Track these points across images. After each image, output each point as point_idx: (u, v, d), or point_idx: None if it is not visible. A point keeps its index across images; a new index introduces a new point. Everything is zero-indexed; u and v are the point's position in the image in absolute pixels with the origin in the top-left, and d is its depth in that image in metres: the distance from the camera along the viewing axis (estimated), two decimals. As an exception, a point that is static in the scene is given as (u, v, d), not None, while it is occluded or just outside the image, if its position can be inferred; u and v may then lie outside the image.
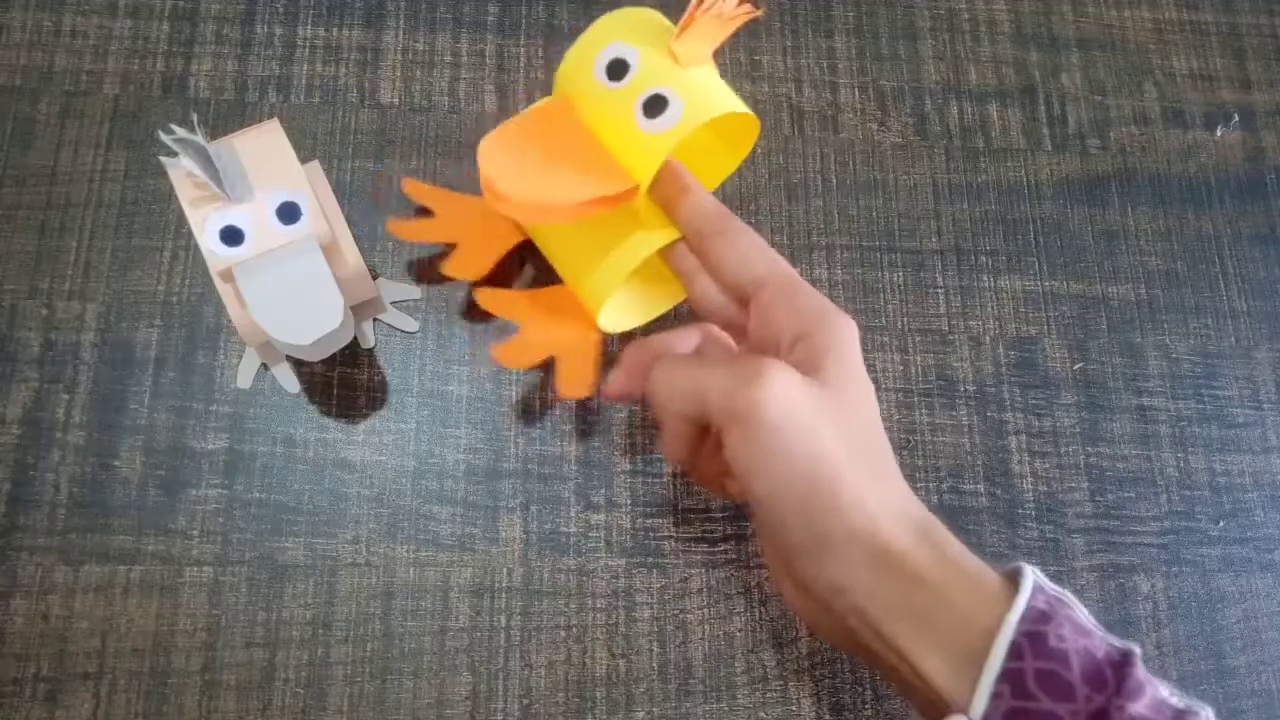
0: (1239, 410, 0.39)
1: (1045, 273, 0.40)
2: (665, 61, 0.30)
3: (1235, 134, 0.43)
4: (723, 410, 0.27)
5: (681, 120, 0.29)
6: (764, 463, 0.26)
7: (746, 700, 0.33)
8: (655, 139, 0.29)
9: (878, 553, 0.25)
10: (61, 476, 0.34)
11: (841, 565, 0.26)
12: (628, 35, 0.30)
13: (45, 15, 0.39)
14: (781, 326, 0.29)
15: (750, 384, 0.26)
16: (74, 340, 0.35)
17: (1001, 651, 0.23)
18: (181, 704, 0.32)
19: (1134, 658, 0.24)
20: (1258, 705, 0.35)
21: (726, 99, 0.30)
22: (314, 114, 0.39)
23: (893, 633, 0.25)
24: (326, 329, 0.30)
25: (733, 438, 0.27)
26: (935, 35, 0.43)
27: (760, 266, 0.30)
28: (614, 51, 0.30)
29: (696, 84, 0.30)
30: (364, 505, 0.34)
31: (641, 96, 0.29)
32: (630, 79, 0.30)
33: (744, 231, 0.30)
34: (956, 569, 0.25)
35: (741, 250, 0.30)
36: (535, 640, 0.33)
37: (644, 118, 0.29)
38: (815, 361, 0.27)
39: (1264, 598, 0.37)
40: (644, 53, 0.30)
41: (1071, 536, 0.37)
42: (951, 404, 0.38)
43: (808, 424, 0.26)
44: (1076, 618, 0.25)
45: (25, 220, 0.36)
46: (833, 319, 0.28)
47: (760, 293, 0.29)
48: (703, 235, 0.31)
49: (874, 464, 0.27)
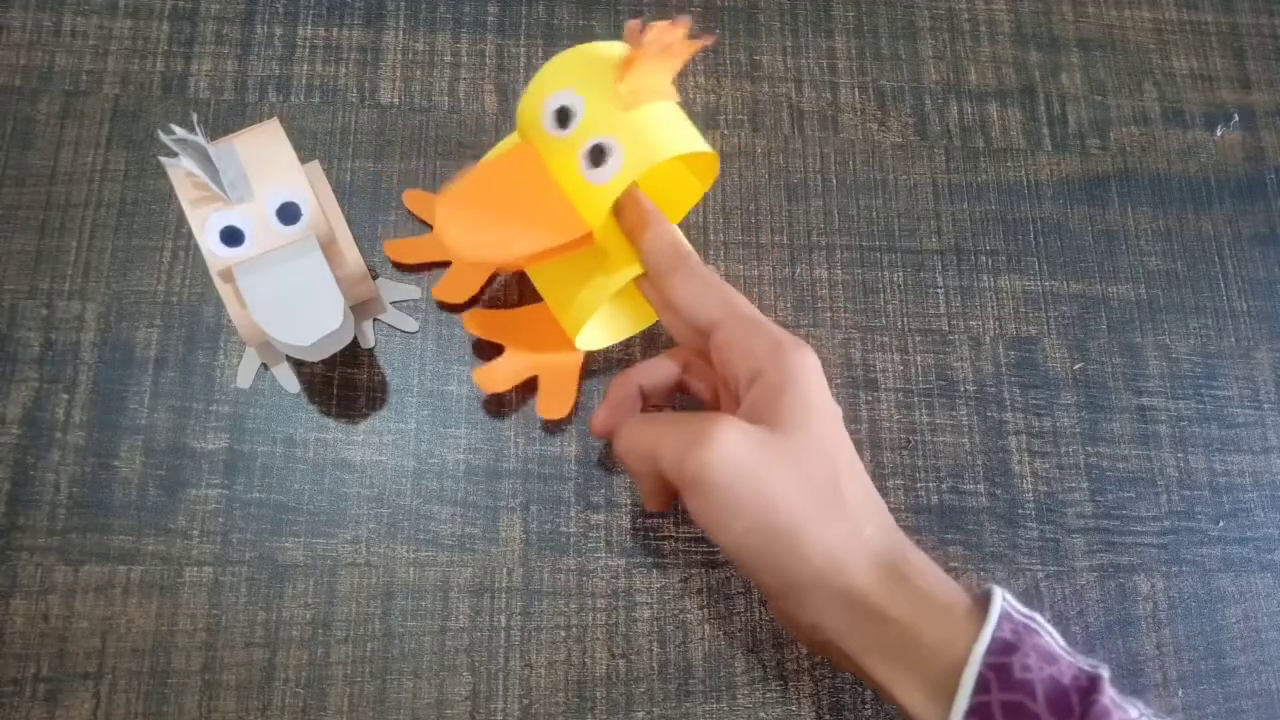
0: (1239, 410, 0.39)
1: (1045, 273, 0.40)
2: (609, 107, 0.29)
3: (1235, 134, 0.43)
4: (675, 475, 0.27)
5: (622, 170, 0.29)
6: (720, 520, 0.27)
7: (746, 700, 0.33)
8: (599, 190, 0.29)
9: (844, 593, 0.26)
10: (61, 476, 0.34)
11: (811, 607, 0.27)
12: (575, 80, 0.30)
13: (45, 15, 0.39)
14: (736, 368, 0.29)
15: (696, 446, 0.26)
16: (74, 340, 0.35)
17: (968, 687, 0.24)
18: (181, 704, 0.32)
19: (1101, 683, 0.24)
20: (1258, 705, 0.35)
21: (671, 142, 0.29)
22: (314, 114, 0.39)
23: (869, 666, 0.26)
24: (326, 329, 0.30)
25: (689, 500, 0.27)
26: (935, 35, 0.43)
27: (711, 307, 0.30)
28: (560, 99, 0.30)
29: (641, 128, 0.29)
30: (364, 505, 0.34)
31: (584, 147, 0.29)
32: (574, 127, 0.29)
33: (695, 270, 0.30)
34: (924, 601, 0.26)
35: (694, 290, 0.30)
36: (535, 640, 0.33)
37: (588, 167, 0.29)
38: (769, 401, 0.27)
39: (1264, 598, 0.37)
40: (589, 99, 0.29)
41: (1071, 536, 0.37)
42: (951, 404, 0.38)
43: (760, 478, 0.26)
44: (1043, 644, 0.25)
45: (25, 220, 0.36)
46: (786, 355, 0.28)
47: (715, 334, 0.29)
48: (659, 274, 0.31)
49: (833, 503, 0.27)
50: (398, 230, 0.38)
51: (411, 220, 0.38)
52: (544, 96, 0.30)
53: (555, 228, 0.29)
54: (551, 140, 0.30)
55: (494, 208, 0.30)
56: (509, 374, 0.35)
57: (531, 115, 0.30)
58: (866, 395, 0.38)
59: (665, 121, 0.30)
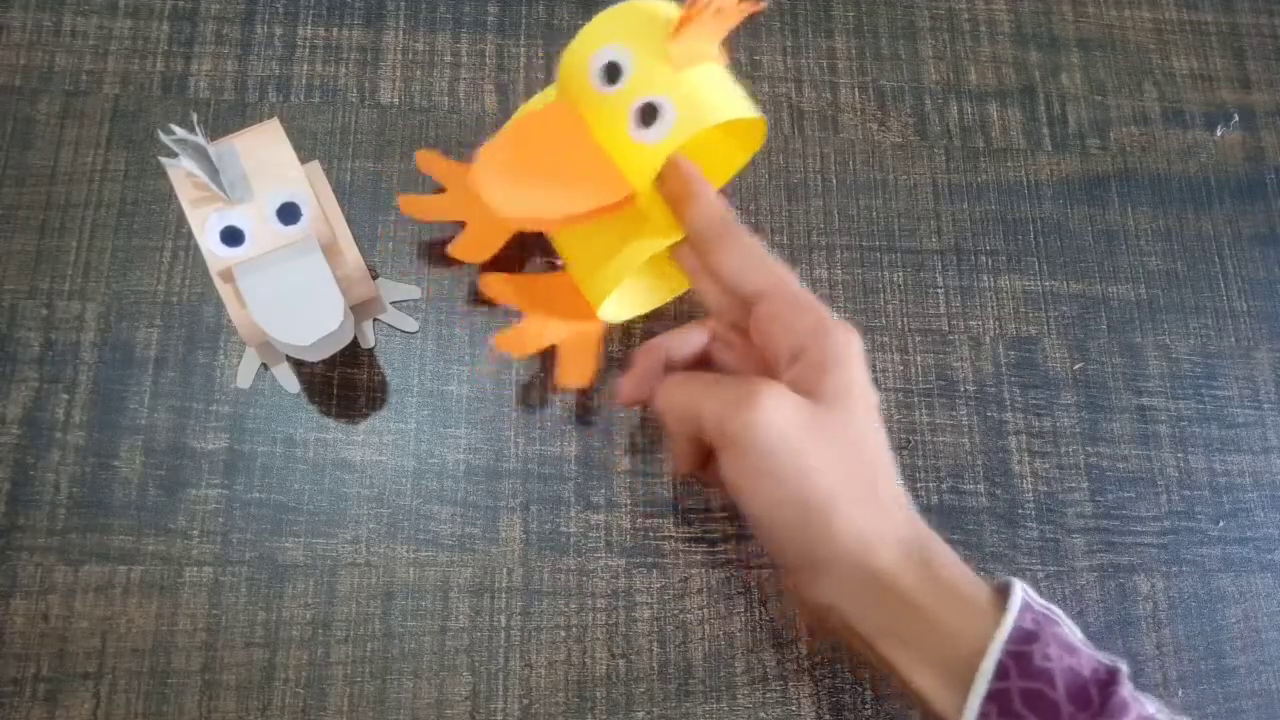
0: (1239, 410, 0.39)
1: (1045, 273, 0.40)
2: (661, 65, 0.28)
3: (1235, 134, 0.43)
4: (716, 432, 0.27)
5: (673, 131, 0.28)
6: (755, 485, 0.27)
7: (746, 700, 0.33)
8: (648, 150, 0.28)
9: (867, 575, 0.26)
10: (61, 476, 0.34)
11: (832, 585, 0.26)
12: (624, 35, 0.29)
13: (45, 15, 0.39)
14: (779, 342, 0.28)
15: (742, 407, 0.26)
16: (74, 340, 0.35)
17: (988, 672, 0.24)
18: (181, 704, 0.32)
19: (1120, 675, 0.24)
20: (1258, 705, 0.35)
21: (724, 105, 0.29)
22: (314, 114, 0.39)
23: (884, 650, 0.26)
24: (326, 329, 0.30)
25: (725, 459, 0.27)
26: (935, 35, 0.43)
27: (758, 278, 0.29)
28: (609, 54, 0.29)
29: (693, 89, 0.29)
30: (364, 505, 0.34)
31: (634, 104, 0.28)
32: (624, 84, 0.29)
33: (743, 241, 0.30)
34: (946, 590, 0.26)
35: (739, 261, 0.30)
36: (535, 640, 0.33)
37: (637, 126, 0.29)
38: (812, 378, 0.27)
39: (1264, 597, 0.37)
40: (638, 55, 0.29)
41: (1071, 536, 0.37)
42: (951, 404, 0.38)
43: (799, 447, 0.26)
44: (1064, 636, 0.25)
45: (25, 220, 0.36)
46: (831, 333, 0.28)
47: (758, 305, 0.29)
48: (705, 241, 0.30)
49: (868, 484, 0.27)
50: (398, 230, 0.38)
51: (408, 223, 0.38)
52: (591, 51, 0.29)
53: (598, 188, 0.29)
54: (597, 96, 0.29)
55: (534, 165, 0.29)
56: (531, 338, 0.34)
57: (576, 69, 0.30)
58: (866, 395, 0.38)
59: (717, 84, 0.29)
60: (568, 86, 0.30)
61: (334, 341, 0.31)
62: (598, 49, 0.29)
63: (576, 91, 0.30)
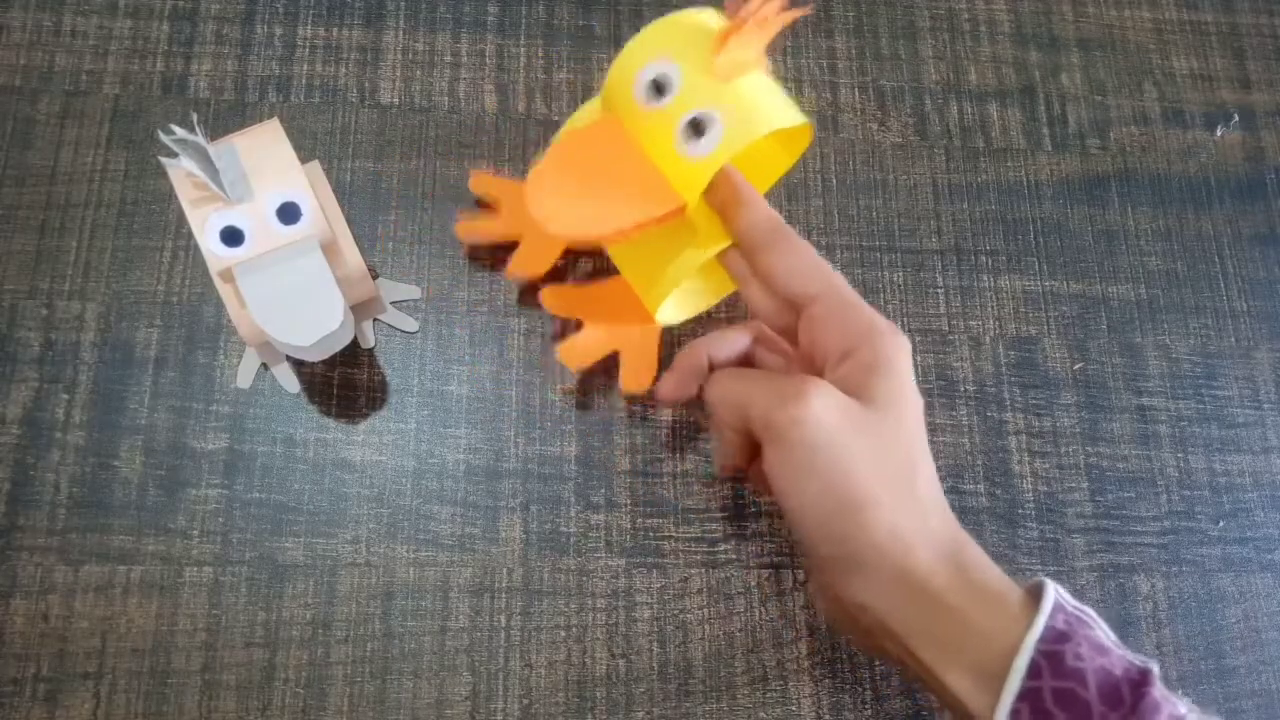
0: (1239, 410, 0.39)
1: (1045, 273, 0.40)
2: (707, 78, 0.29)
3: (1235, 134, 0.43)
4: (763, 426, 0.27)
5: (721, 144, 0.28)
6: (797, 480, 0.27)
7: (746, 700, 0.33)
8: (697, 164, 0.29)
9: (903, 575, 0.26)
10: (61, 476, 0.34)
11: (867, 584, 0.27)
12: (669, 49, 0.29)
13: (45, 15, 0.39)
14: (829, 343, 0.29)
15: (790, 402, 0.27)
16: (74, 340, 0.35)
17: (1020, 671, 0.24)
18: (181, 704, 0.32)
19: (1151, 676, 0.24)
20: (1258, 705, 0.35)
21: (772, 115, 0.29)
22: (314, 114, 0.39)
23: (917, 649, 0.26)
24: (326, 329, 0.30)
25: (770, 453, 0.27)
26: (935, 35, 0.43)
27: (810, 281, 0.30)
28: (656, 69, 0.29)
29: (740, 101, 0.29)
30: (364, 505, 0.34)
31: (682, 119, 0.29)
32: (670, 99, 0.29)
33: (796, 245, 0.30)
34: (980, 590, 0.26)
35: (791, 264, 0.30)
36: (535, 640, 0.33)
37: (685, 140, 0.29)
38: (860, 379, 0.28)
39: (1264, 597, 0.37)
40: (685, 69, 0.29)
41: (1071, 536, 0.37)
42: (951, 404, 0.38)
43: (843, 445, 0.26)
44: (1095, 636, 0.25)
45: (25, 220, 0.36)
46: (882, 336, 0.28)
47: (810, 307, 0.29)
48: (755, 246, 0.30)
49: (909, 486, 0.27)
50: (398, 230, 0.38)
51: (408, 223, 0.38)
52: (638, 67, 0.29)
53: (650, 201, 0.29)
54: (644, 112, 0.29)
55: (585, 182, 0.29)
56: (592, 348, 0.35)
57: (622, 85, 0.30)
58: (866, 395, 0.38)
59: (763, 94, 0.29)
60: (614, 102, 0.30)
61: (334, 341, 0.31)
62: (644, 64, 0.29)
63: (623, 107, 0.30)
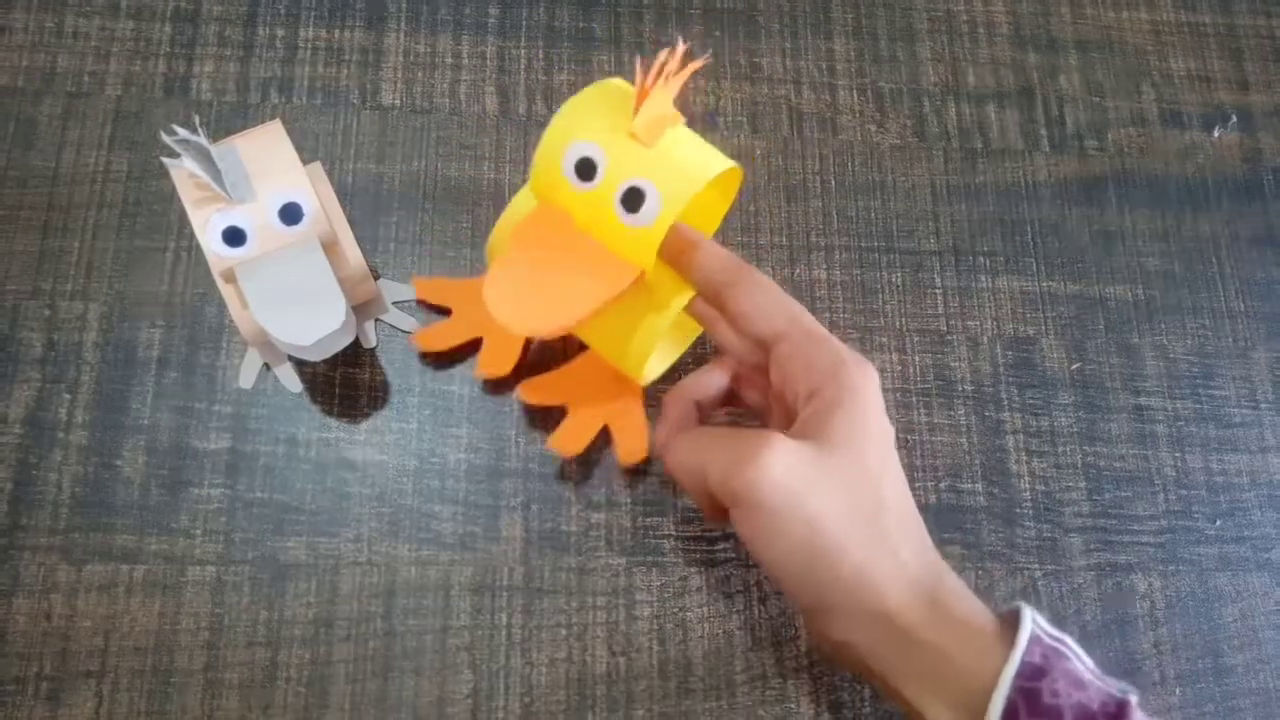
0: (1236, 410, 0.39)
1: (1043, 273, 0.40)
2: (630, 147, 0.28)
3: (1233, 135, 0.44)
4: (723, 492, 0.27)
5: (662, 209, 0.28)
6: (764, 540, 0.27)
7: (746, 698, 0.34)
8: (644, 232, 0.28)
9: (877, 614, 0.26)
10: (64, 476, 0.34)
11: (844, 626, 0.27)
12: (588, 128, 0.29)
13: (48, 16, 0.39)
14: (797, 382, 0.29)
15: (745, 465, 0.26)
16: (76, 340, 0.35)
17: (997, 710, 0.24)
18: (184, 703, 0.32)
19: (1129, 708, 0.24)
20: (1255, 704, 0.35)
21: (702, 167, 0.29)
22: (316, 115, 0.39)
23: (898, 685, 0.26)
24: (328, 329, 0.30)
25: (735, 516, 0.28)
26: (933, 37, 0.43)
27: (776, 319, 0.29)
28: (578, 151, 0.29)
29: (669, 162, 0.28)
30: (366, 504, 0.35)
31: (617, 194, 0.28)
32: (600, 178, 0.29)
33: (757, 283, 0.30)
34: (956, 625, 0.26)
35: (755, 303, 0.30)
36: (536, 638, 0.34)
37: (625, 213, 0.28)
38: (824, 418, 0.27)
39: (1261, 596, 0.37)
40: (607, 145, 0.28)
41: (1069, 536, 0.37)
42: (949, 404, 0.38)
43: (805, 500, 0.26)
44: (1073, 669, 0.25)
45: (28, 221, 0.37)
46: (847, 370, 0.28)
47: (777, 346, 0.29)
48: (716, 289, 0.30)
49: (876, 524, 0.27)
50: (399, 231, 0.38)
51: (410, 224, 0.38)
52: (560, 153, 0.29)
53: (606, 279, 0.29)
54: (577, 195, 0.29)
55: (538, 274, 0.29)
56: (581, 432, 0.34)
57: (549, 172, 0.29)
58: (865, 395, 0.38)
59: (687, 148, 0.29)
60: (545, 189, 0.30)
61: (336, 341, 0.31)
62: (565, 148, 0.29)
63: (555, 192, 0.30)
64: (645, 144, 0.28)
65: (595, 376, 0.35)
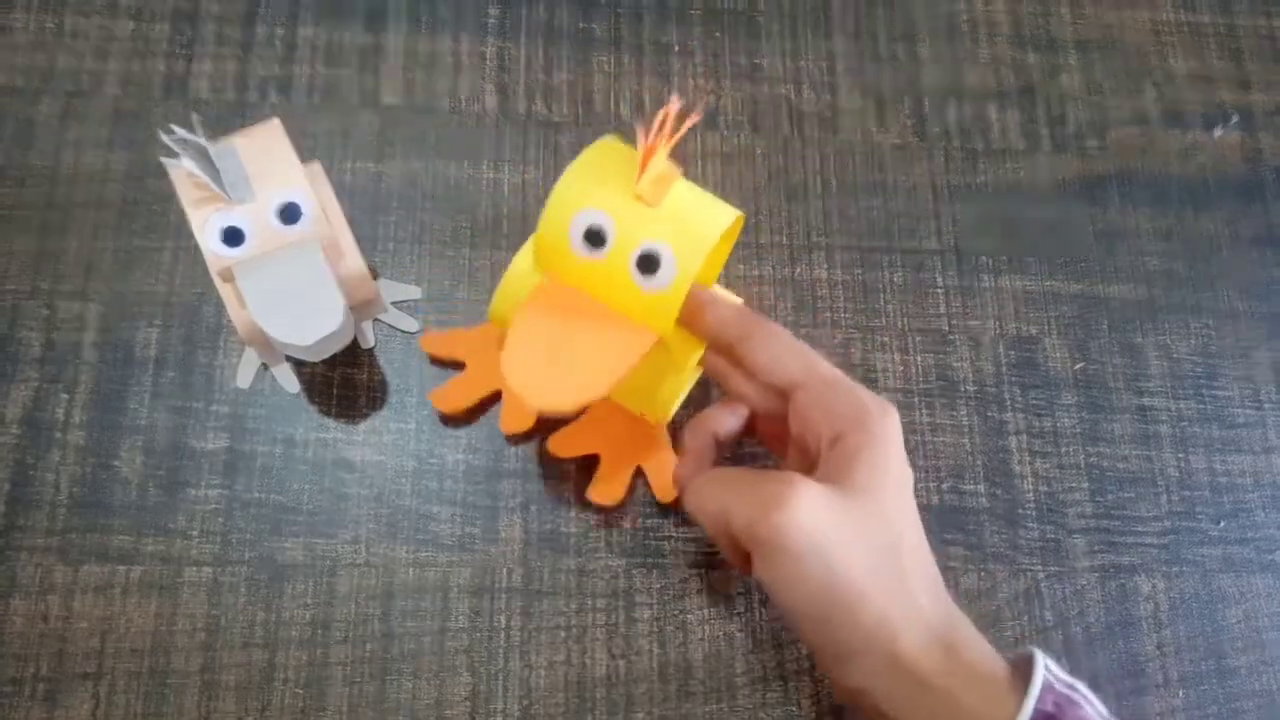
0: (1239, 410, 0.39)
1: (1045, 273, 0.40)
2: (638, 211, 0.28)
3: (1234, 134, 0.43)
4: (747, 537, 0.27)
5: (679, 271, 0.28)
6: (787, 585, 0.27)
7: (746, 701, 0.33)
8: (661, 297, 0.28)
9: (893, 660, 0.26)
10: (61, 476, 0.34)
11: (859, 671, 0.27)
12: (593, 195, 0.28)
13: (47, 16, 0.39)
14: (818, 429, 0.29)
15: (771, 511, 0.26)
16: (74, 340, 0.35)
17: None
18: (181, 704, 0.32)
19: None
20: (1259, 706, 0.35)
21: (710, 222, 0.28)
22: (315, 115, 0.39)
23: None
24: (327, 329, 0.30)
25: (757, 561, 0.27)
26: (934, 37, 0.43)
27: (792, 369, 0.29)
28: (585, 220, 0.28)
29: (679, 221, 0.28)
30: (364, 505, 0.34)
31: (631, 259, 0.28)
32: (611, 245, 0.28)
33: (770, 333, 0.30)
34: (969, 671, 0.26)
35: (770, 354, 0.30)
36: (535, 640, 0.33)
37: (641, 278, 0.28)
38: (846, 465, 0.27)
39: (1265, 598, 0.37)
40: (614, 210, 0.28)
41: (1072, 537, 0.37)
42: (952, 404, 0.38)
43: (829, 546, 0.26)
44: (1085, 716, 0.25)
45: (26, 220, 0.36)
46: (869, 418, 0.28)
47: (795, 394, 0.29)
48: (730, 344, 0.30)
49: (896, 570, 0.27)
50: (398, 231, 0.38)
51: (409, 223, 0.38)
52: (566, 225, 0.28)
53: (627, 347, 0.28)
54: (590, 264, 0.28)
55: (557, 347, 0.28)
56: (618, 481, 0.34)
57: (557, 246, 0.28)
58: (866, 395, 0.38)
59: (695, 204, 0.29)
60: (552, 260, 0.29)
61: (334, 341, 0.31)
62: (571, 219, 0.28)
63: (564, 262, 0.29)
64: (651, 204, 0.28)
65: (621, 419, 0.35)
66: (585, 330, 0.29)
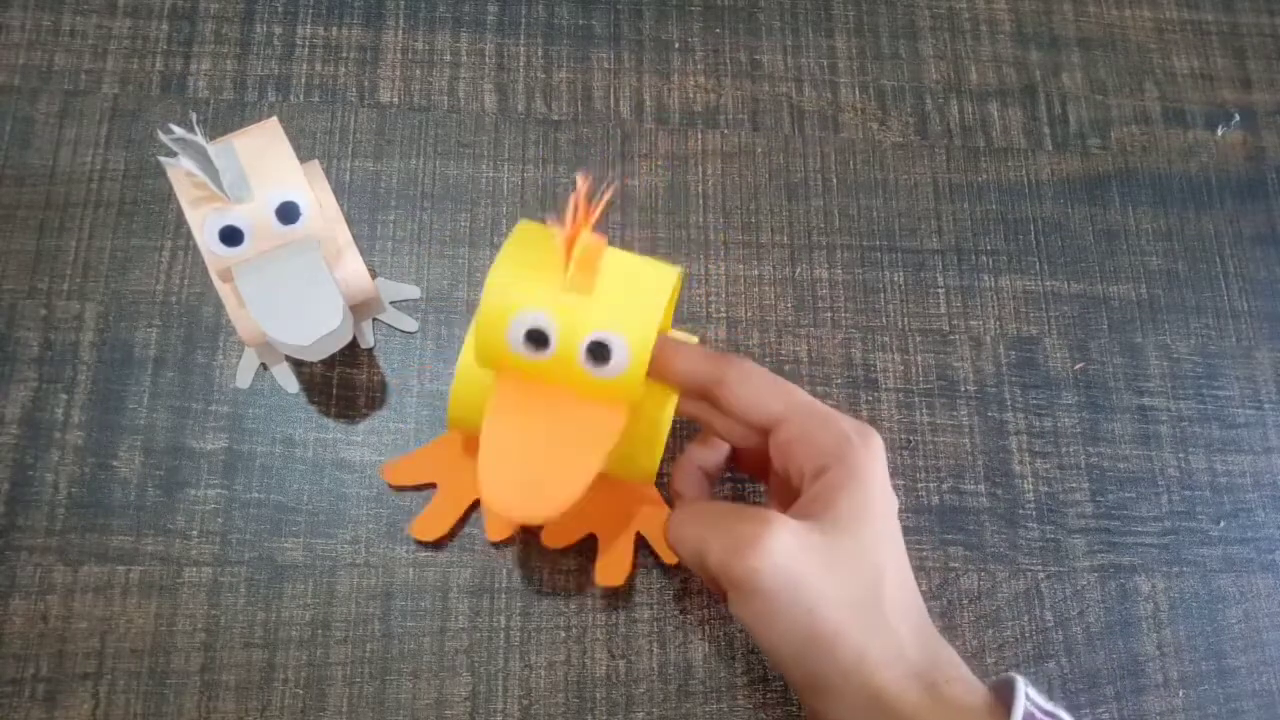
0: (1240, 410, 0.39)
1: (1046, 272, 0.40)
2: (576, 302, 0.26)
3: (1236, 133, 0.43)
4: (722, 574, 0.27)
5: (633, 353, 0.27)
6: (763, 622, 0.27)
7: (747, 701, 0.33)
8: (619, 382, 0.27)
9: (873, 697, 0.26)
10: (60, 476, 0.34)
11: (837, 707, 0.27)
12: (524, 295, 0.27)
13: (44, 14, 0.39)
14: (800, 464, 0.28)
15: (746, 552, 0.26)
16: (73, 340, 0.35)
17: None
18: (181, 704, 0.32)
19: None
20: (1259, 706, 0.35)
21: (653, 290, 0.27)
22: (313, 113, 0.39)
23: None
24: (325, 329, 0.30)
25: (733, 598, 0.27)
26: (936, 34, 0.43)
27: (771, 406, 0.29)
28: (523, 324, 0.27)
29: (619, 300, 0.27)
30: (363, 505, 0.34)
31: (580, 352, 0.27)
32: (555, 343, 0.27)
33: (745, 373, 0.29)
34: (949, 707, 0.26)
35: (747, 393, 0.29)
36: (535, 641, 0.33)
37: (594, 366, 0.27)
38: (828, 500, 0.27)
39: (1265, 598, 0.37)
40: (552, 307, 0.27)
41: (1072, 537, 0.37)
42: (952, 404, 0.38)
43: (805, 584, 0.26)
44: None
45: (24, 220, 0.36)
46: (852, 449, 0.28)
47: (777, 430, 0.29)
48: (708, 388, 0.30)
49: (875, 606, 0.27)
50: (397, 230, 0.38)
51: (407, 223, 0.38)
52: (503, 332, 0.27)
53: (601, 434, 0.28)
54: (537, 364, 0.27)
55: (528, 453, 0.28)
56: (621, 559, 0.33)
57: (497, 353, 0.27)
58: (867, 395, 0.38)
59: (630, 275, 0.27)
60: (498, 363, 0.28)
61: (333, 341, 0.31)
62: (509, 323, 0.27)
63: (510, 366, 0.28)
64: (585, 292, 0.27)
65: (608, 491, 0.33)
66: (555, 428, 0.28)
